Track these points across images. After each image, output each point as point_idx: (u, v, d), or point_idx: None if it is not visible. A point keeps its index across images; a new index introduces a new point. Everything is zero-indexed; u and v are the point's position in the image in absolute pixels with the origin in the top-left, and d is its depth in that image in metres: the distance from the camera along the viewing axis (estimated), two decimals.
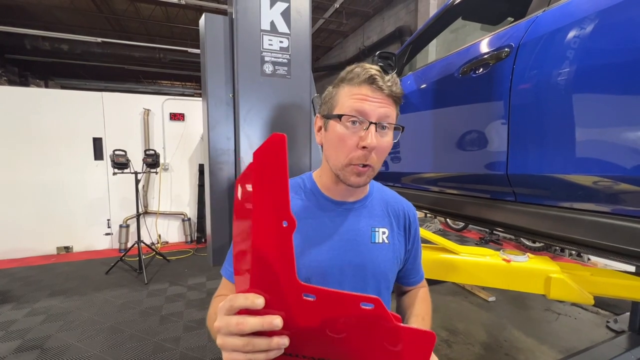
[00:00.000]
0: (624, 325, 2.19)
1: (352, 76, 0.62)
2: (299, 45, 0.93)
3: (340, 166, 0.63)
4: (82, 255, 3.89)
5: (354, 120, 0.60)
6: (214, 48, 0.91)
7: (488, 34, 1.16)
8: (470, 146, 1.17)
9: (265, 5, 0.88)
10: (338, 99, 0.63)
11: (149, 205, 4.26)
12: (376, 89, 0.60)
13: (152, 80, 11.22)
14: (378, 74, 0.60)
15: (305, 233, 0.67)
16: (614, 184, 0.83)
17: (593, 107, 0.80)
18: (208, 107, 0.93)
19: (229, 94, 0.94)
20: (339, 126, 0.61)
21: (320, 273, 0.65)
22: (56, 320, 2.38)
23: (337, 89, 0.65)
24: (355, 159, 0.61)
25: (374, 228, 0.71)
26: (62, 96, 3.89)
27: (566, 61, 0.82)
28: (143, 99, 4.20)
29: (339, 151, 0.62)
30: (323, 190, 0.71)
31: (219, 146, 0.94)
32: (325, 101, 0.67)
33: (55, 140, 3.79)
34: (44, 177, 3.78)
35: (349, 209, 0.71)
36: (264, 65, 0.91)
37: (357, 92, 0.60)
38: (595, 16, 0.77)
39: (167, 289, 2.94)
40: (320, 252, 0.66)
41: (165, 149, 4.27)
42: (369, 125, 0.60)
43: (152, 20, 7.22)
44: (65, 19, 6.98)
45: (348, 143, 0.61)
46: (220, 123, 0.94)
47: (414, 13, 6.01)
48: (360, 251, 0.68)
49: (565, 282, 0.77)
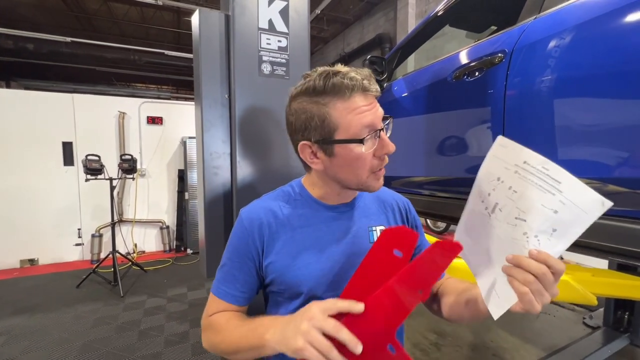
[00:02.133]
0: (599, 321, 2.30)
1: (336, 89, 0.56)
2: (297, 45, 0.91)
3: (363, 180, 0.61)
4: (49, 267, 3.62)
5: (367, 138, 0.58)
6: (208, 46, 0.86)
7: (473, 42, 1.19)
8: (463, 151, 1.18)
9: (263, 3, 0.85)
10: (337, 120, 0.57)
11: (125, 213, 4.05)
12: (368, 95, 0.58)
13: (125, 83, 10.77)
14: (363, 77, 0.57)
15: (303, 243, 0.64)
16: (602, 185, 0.86)
17: (585, 111, 0.82)
18: (202, 108, 0.88)
19: (224, 95, 0.89)
20: (357, 148, 0.58)
21: (327, 282, 0.63)
22: (20, 341, 2.17)
23: (326, 108, 0.57)
24: (376, 167, 0.61)
25: (371, 227, 0.69)
26: (28, 97, 3.63)
27: (559, 67, 0.85)
28: (118, 102, 4.01)
29: (359, 169, 0.60)
30: (316, 196, 0.69)
31: (214, 149, 0.89)
32: (313, 125, 0.59)
33: (19, 145, 3.52)
34: (5, 183, 3.49)
35: (343, 211, 0.69)
36: (261, 65, 0.87)
37: (354, 105, 0.57)
38: (588, 24, 0.80)
39: (145, 301, 2.78)
40: (322, 261, 0.64)
41: (142, 153, 4.08)
42: (379, 133, 0.59)
43: (126, 20, 6.95)
44: (30, 16, 6.57)
45: (367, 158, 0.59)
46: (215, 125, 0.89)
47: (393, 21, 6.16)
48: (361, 253, 0.64)
49: (569, 284, 0.78)
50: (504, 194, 0.48)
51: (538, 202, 0.44)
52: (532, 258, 0.43)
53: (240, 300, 0.65)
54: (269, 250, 0.64)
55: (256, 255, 0.64)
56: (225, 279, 0.66)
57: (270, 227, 0.65)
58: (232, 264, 0.65)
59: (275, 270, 0.63)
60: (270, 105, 0.90)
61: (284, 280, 0.63)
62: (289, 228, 0.65)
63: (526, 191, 0.46)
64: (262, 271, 0.65)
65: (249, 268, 0.65)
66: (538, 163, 0.45)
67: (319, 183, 0.68)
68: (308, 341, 0.44)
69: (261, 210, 0.67)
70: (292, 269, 0.63)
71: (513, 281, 0.45)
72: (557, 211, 0.43)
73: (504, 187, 0.48)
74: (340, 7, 6.79)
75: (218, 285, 0.66)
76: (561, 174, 0.43)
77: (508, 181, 0.48)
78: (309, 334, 0.44)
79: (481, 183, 0.52)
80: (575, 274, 0.82)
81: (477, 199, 0.53)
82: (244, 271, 0.65)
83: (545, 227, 0.44)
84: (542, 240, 0.44)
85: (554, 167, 0.44)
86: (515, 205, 0.47)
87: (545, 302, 0.44)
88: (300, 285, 0.62)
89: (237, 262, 0.65)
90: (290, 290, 0.63)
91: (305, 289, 0.62)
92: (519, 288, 0.44)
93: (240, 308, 0.66)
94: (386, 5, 6.39)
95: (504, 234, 0.48)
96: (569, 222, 0.43)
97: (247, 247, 0.64)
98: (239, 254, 0.65)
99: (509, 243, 0.47)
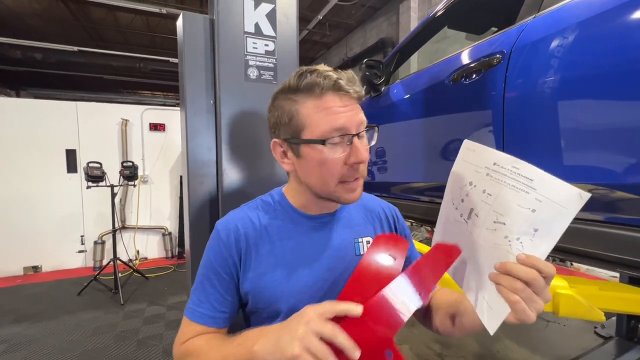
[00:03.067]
0: (611, 330, 2.21)
1: (309, 85, 0.53)
2: (285, 48, 0.88)
3: (331, 189, 0.56)
4: (52, 275, 3.62)
5: (335, 142, 0.53)
6: (193, 51, 0.84)
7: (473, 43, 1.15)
8: None
9: (249, 6, 0.83)
10: (304, 119, 0.54)
11: (127, 220, 4.05)
12: (343, 95, 0.53)
13: (132, 91, 10.92)
14: (339, 76, 0.53)
15: (283, 257, 0.60)
16: (610, 192, 0.81)
17: (588, 113, 0.78)
18: (187, 115, 0.86)
19: (210, 101, 0.87)
20: (320, 151, 0.53)
21: (308, 298, 0.58)
22: (18, 350, 2.16)
23: (296, 105, 0.55)
24: (347, 177, 0.55)
25: (357, 239, 0.65)
26: (33, 106, 3.67)
27: (560, 67, 0.80)
28: (121, 109, 4.04)
29: (326, 176, 0.55)
30: (296, 205, 0.64)
31: (199, 157, 0.86)
32: (282, 122, 0.57)
33: (23, 152, 3.55)
34: (11, 191, 3.52)
35: (326, 222, 0.64)
36: (248, 70, 0.85)
37: (325, 104, 0.53)
38: (588, 22, 0.76)
39: (145, 309, 2.76)
40: (303, 275, 0.59)
41: (144, 160, 4.09)
42: (352, 139, 0.53)
43: (132, 29, 7.05)
44: (38, 27, 6.71)
45: (335, 165, 0.54)
46: (200, 132, 0.86)
47: (396, 25, 6.15)
48: (346, 266, 0.61)
49: (575, 299, 0.72)
50: (479, 198, 0.47)
51: (514, 202, 0.43)
52: (520, 263, 0.41)
53: (219, 321, 0.60)
54: (247, 265, 0.60)
55: (234, 269, 0.60)
56: (200, 299, 0.60)
57: (248, 239, 0.60)
58: (208, 282, 0.60)
59: (253, 287, 0.59)
60: (257, 110, 0.87)
61: (262, 298, 0.59)
62: (267, 240, 0.61)
63: (500, 193, 0.44)
64: (240, 287, 0.61)
65: (227, 284, 0.60)
66: (508, 163, 0.44)
67: (298, 189, 0.63)
68: (305, 347, 0.40)
69: (238, 221, 0.62)
70: (271, 285, 0.58)
71: (502, 289, 0.42)
72: (534, 210, 0.42)
73: (478, 192, 0.47)
74: (342, 13, 6.81)
75: (193, 307, 0.60)
76: (532, 171, 0.43)
77: (481, 185, 0.46)
78: (305, 339, 0.41)
79: (453, 189, 0.50)
80: (580, 288, 0.76)
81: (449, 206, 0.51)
82: (222, 288, 0.60)
83: (526, 228, 0.42)
84: (524, 242, 0.42)
85: (524, 166, 0.43)
86: (492, 209, 0.45)
87: (539, 309, 0.41)
88: (278, 302, 0.58)
89: (213, 279, 0.60)
90: (269, 308, 0.59)
91: (284, 307, 0.58)
92: (509, 297, 0.41)
93: (219, 330, 0.61)
94: (388, 9, 6.39)
95: (484, 241, 0.46)
96: (549, 219, 0.42)
97: (224, 262, 0.60)
98: (214, 269, 0.60)
99: (491, 249, 0.45)
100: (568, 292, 0.74)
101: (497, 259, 0.43)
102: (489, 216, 0.45)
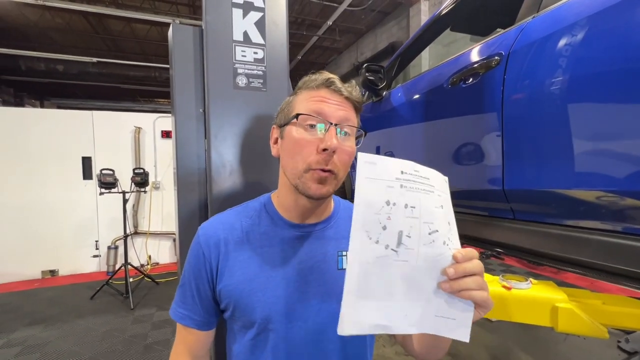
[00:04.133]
0: (637, 345, 2.07)
1: (309, 81, 0.59)
2: (275, 56, 0.88)
3: (299, 173, 0.55)
4: (68, 279, 3.74)
5: (312, 123, 0.55)
6: (182, 60, 0.85)
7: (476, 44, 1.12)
8: (463, 160, 1.10)
9: (238, 14, 0.83)
10: (295, 104, 0.58)
11: (139, 225, 4.14)
12: (334, 91, 0.56)
13: (148, 99, 11.27)
14: (336, 78, 0.57)
15: (261, 265, 0.58)
16: (619, 199, 0.75)
17: (590, 116, 0.73)
18: (176, 123, 0.86)
19: (199, 109, 0.87)
20: (296, 129, 0.56)
21: (283, 310, 0.56)
22: (32, 352, 2.23)
23: (295, 97, 0.60)
24: (315, 164, 0.53)
25: (341, 252, 0.62)
26: (52, 116, 3.84)
27: (560, 68, 0.76)
28: (134, 117, 4.16)
29: (296, 157, 0.55)
30: (281, 211, 0.63)
31: (189, 165, 0.86)
32: (281, 110, 0.62)
33: (43, 160, 3.71)
34: (30, 197, 3.67)
35: (311, 231, 0.62)
36: (236, 78, 0.84)
37: (315, 94, 0.56)
38: (589, 20, 0.72)
39: (154, 314, 2.79)
40: (280, 285, 0.57)
41: (156, 167, 4.19)
42: (329, 127, 0.54)
43: (147, 40, 7.30)
44: (60, 40, 7.04)
45: (306, 147, 0.54)
46: (189, 140, 0.87)
47: (406, 29, 6.10)
48: (325, 280, 0.59)
49: (574, 313, 0.67)
50: (403, 215, 0.41)
51: (432, 206, 0.42)
52: (461, 260, 0.41)
53: (201, 325, 0.61)
54: (223, 271, 0.59)
55: (210, 274, 0.59)
56: (184, 300, 0.62)
57: (227, 244, 0.60)
58: (190, 285, 0.61)
59: (229, 294, 0.58)
60: (246, 118, 0.87)
61: (238, 306, 0.57)
62: (248, 247, 0.60)
63: (421, 201, 0.42)
64: (216, 292, 0.60)
65: (205, 290, 0.60)
66: (410, 168, 0.43)
67: (282, 184, 0.63)
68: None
69: (219, 225, 0.62)
70: (247, 294, 0.57)
71: (464, 293, 0.41)
72: (442, 206, 0.43)
73: (400, 209, 0.41)
74: (352, 18, 6.82)
75: (176, 307, 0.63)
76: (426, 171, 0.44)
77: (400, 200, 0.41)
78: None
79: (365, 222, 0.41)
80: (581, 302, 0.70)
81: (365, 246, 0.40)
82: (202, 293, 0.60)
83: (445, 226, 0.43)
84: (451, 239, 0.43)
85: (420, 167, 0.44)
86: (422, 222, 0.41)
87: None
88: (253, 313, 0.56)
89: (194, 283, 0.60)
90: (244, 317, 0.57)
91: (258, 318, 0.56)
92: (477, 294, 0.41)
93: (203, 333, 0.62)
94: (398, 13, 6.36)
95: (425, 260, 0.41)
96: (449, 209, 0.44)
97: (202, 266, 0.59)
98: (194, 273, 0.60)
99: (434, 263, 0.42)
100: (567, 306, 0.69)
101: (440, 269, 0.41)
102: (423, 230, 0.40)
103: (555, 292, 0.75)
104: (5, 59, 6.29)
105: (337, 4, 5.76)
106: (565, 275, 3.13)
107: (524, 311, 0.76)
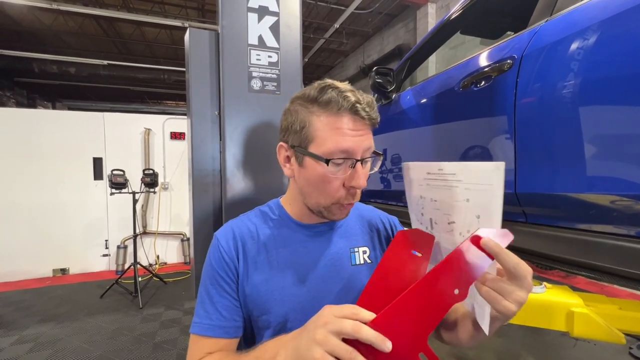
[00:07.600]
0: None
1: (327, 101, 0.53)
2: (289, 59, 0.89)
3: (325, 206, 0.57)
4: (78, 277, 3.79)
5: (339, 163, 0.53)
6: (198, 64, 0.87)
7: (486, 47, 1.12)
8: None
9: (253, 19, 0.84)
10: (315, 132, 0.54)
11: (148, 225, 4.19)
12: (358, 119, 0.53)
13: (157, 101, 11.42)
14: (358, 100, 0.53)
15: (277, 265, 0.60)
16: (634, 203, 0.75)
17: (603, 120, 0.73)
18: (192, 125, 0.88)
19: (214, 112, 0.88)
20: (322, 167, 0.53)
21: (300, 309, 0.57)
22: (44, 349, 2.26)
23: (311, 116, 0.55)
24: (343, 199, 0.56)
25: (353, 248, 0.64)
26: (64, 117, 3.92)
27: (573, 72, 0.76)
28: (144, 119, 4.22)
29: (323, 193, 0.56)
30: (293, 216, 0.65)
31: (204, 167, 0.88)
32: (294, 129, 0.57)
33: (55, 161, 3.78)
34: (42, 197, 3.75)
35: (323, 231, 0.64)
36: (251, 81, 0.86)
37: (338, 124, 0.53)
38: (604, 24, 0.72)
39: (162, 313, 2.82)
40: (296, 284, 0.59)
41: (165, 168, 4.24)
42: (355, 164, 0.54)
43: (157, 42, 7.40)
44: (72, 43, 7.18)
45: (334, 184, 0.55)
46: (205, 142, 0.88)
47: (413, 32, 6.10)
48: (341, 277, 0.61)
49: (590, 318, 0.67)
50: (430, 207, 0.53)
51: (452, 200, 0.48)
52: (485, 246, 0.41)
53: (229, 330, 0.58)
54: (244, 272, 0.60)
55: (236, 274, 0.60)
56: (208, 310, 0.59)
57: (245, 247, 0.61)
58: (215, 289, 0.60)
59: (248, 294, 0.59)
60: (260, 121, 0.88)
61: (256, 306, 0.58)
62: (264, 249, 0.61)
63: (441, 196, 0.50)
64: (239, 298, 0.60)
65: (231, 291, 0.60)
66: (434, 169, 0.51)
67: (295, 197, 0.64)
68: (327, 350, 0.37)
69: (236, 229, 0.64)
70: (264, 294, 0.58)
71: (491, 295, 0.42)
72: (468, 199, 0.46)
73: (428, 202, 0.54)
74: (359, 21, 6.84)
75: (199, 321, 0.58)
76: (453, 167, 0.48)
77: (427, 195, 0.53)
78: (326, 341, 0.38)
79: (412, 209, 0.58)
80: (598, 307, 0.70)
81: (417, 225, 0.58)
82: (229, 294, 0.59)
83: (470, 219, 0.46)
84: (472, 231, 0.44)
85: (446, 165, 0.49)
86: (443, 213, 0.51)
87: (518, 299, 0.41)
88: (270, 311, 0.57)
89: (219, 286, 0.60)
90: (261, 318, 0.58)
91: (277, 316, 0.57)
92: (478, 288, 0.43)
93: (231, 341, 0.59)
94: (405, 16, 6.35)
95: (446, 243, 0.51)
96: (484, 202, 0.45)
97: (227, 267, 0.60)
98: (217, 279, 0.60)
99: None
100: (583, 311, 0.69)
101: None
102: (443, 220, 0.50)
103: (571, 297, 0.75)
104: (19, 62, 6.44)
105: (344, 7, 5.78)
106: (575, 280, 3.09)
107: (539, 315, 0.76)
